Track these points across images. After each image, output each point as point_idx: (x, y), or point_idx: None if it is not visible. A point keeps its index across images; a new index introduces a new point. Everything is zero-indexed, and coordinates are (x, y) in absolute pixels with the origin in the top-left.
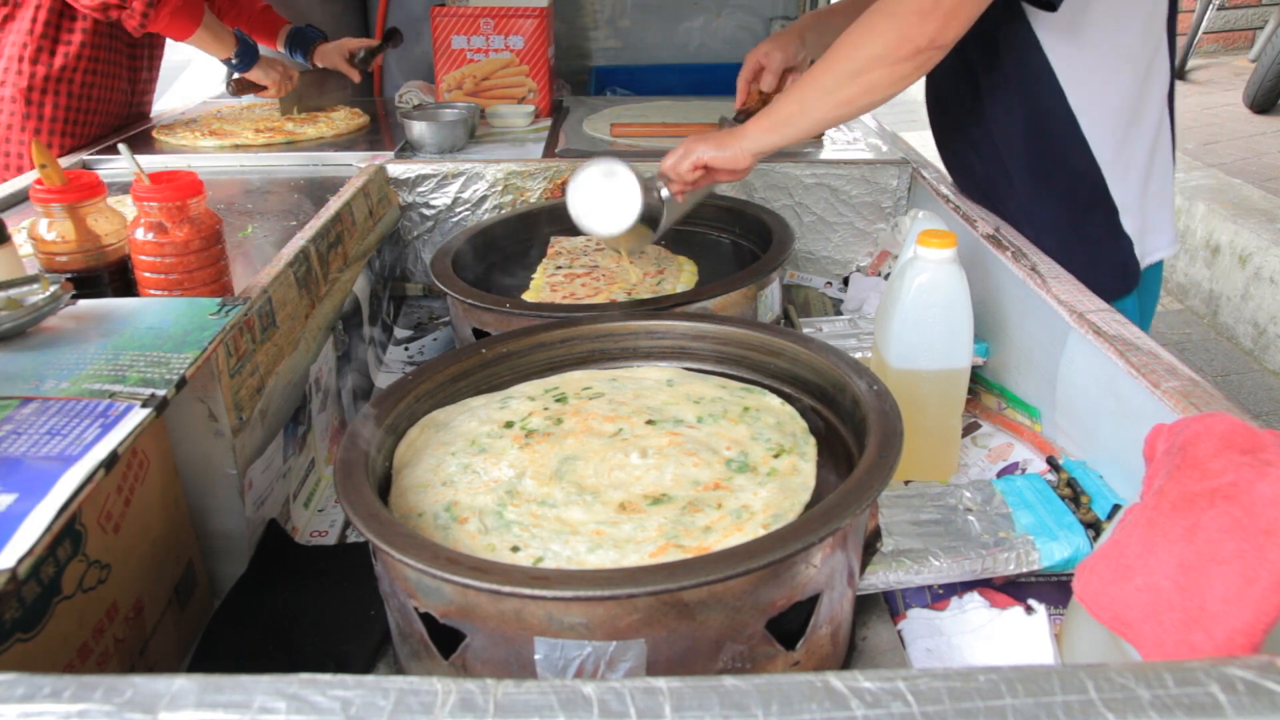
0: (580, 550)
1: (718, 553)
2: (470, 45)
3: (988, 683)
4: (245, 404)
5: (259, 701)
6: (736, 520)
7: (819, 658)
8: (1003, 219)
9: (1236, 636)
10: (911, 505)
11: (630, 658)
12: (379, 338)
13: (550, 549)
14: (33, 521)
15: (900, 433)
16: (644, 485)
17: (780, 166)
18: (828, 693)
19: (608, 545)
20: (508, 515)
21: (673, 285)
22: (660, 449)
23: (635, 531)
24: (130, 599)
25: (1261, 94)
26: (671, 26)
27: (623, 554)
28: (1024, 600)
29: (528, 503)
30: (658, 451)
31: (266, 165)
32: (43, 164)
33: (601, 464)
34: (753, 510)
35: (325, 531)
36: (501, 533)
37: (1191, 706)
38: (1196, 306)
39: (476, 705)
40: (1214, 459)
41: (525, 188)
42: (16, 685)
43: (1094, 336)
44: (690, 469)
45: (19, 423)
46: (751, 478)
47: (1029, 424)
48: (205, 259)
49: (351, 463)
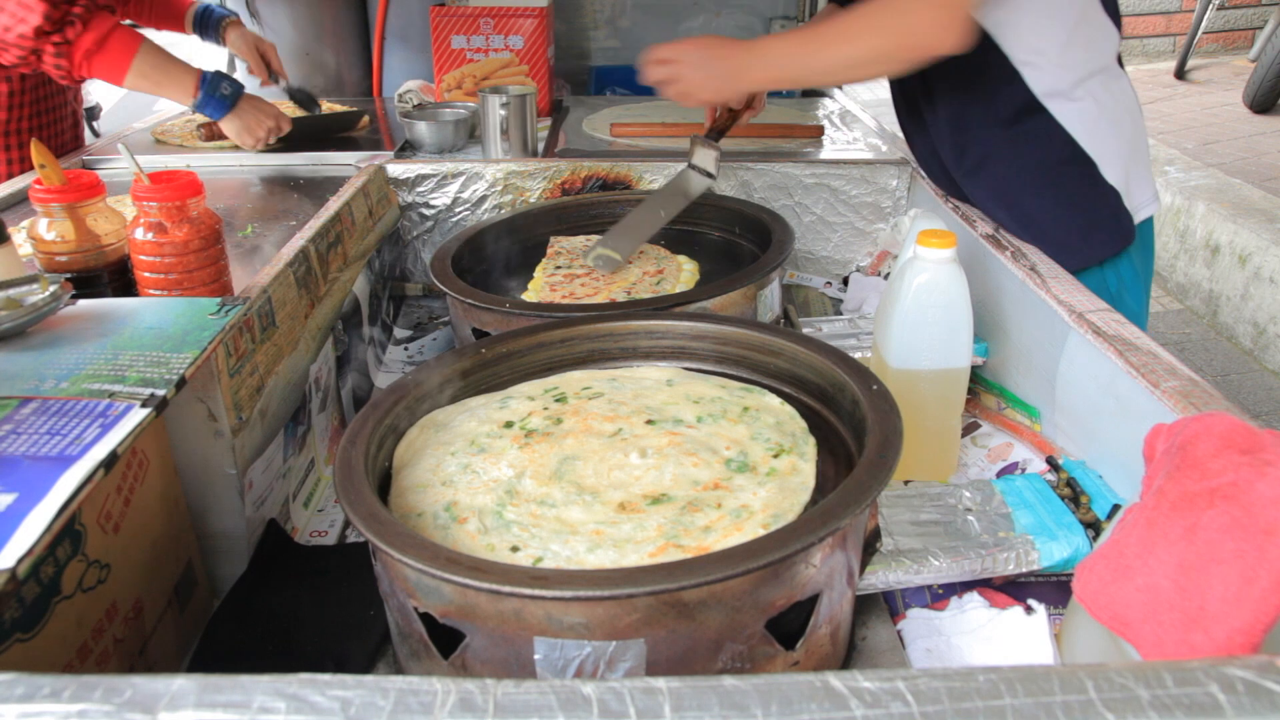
0: (580, 550)
1: (718, 553)
2: (470, 45)
3: (987, 683)
4: (245, 404)
5: (258, 701)
6: (736, 520)
7: (818, 658)
8: (983, 202)
9: (1236, 636)
10: (911, 505)
11: (630, 658)
12: (379, 338)
13: (550, 549)
14: (32, 521)
15: (900, 433)
16: (643, 485)
17: (780, 166)
18: (827, 693)
19: (607, 545)
20: (507, 515)
21: (673, 285)
22: (660, 449)
23: (635, 531)
24: (130, 599)
25: (1261, 94)
26: (671, 26)
27: (622, 554)
28: (1024, 600)
29: (527, 502)
30: (657, 451)
31: (266, 165)
32: (42, 164)
33: (601, 464)
34: (752, 510)
35: (325, 531)
36: (501, 532)
37: (1191, 706)
38: (1196, 306)
39: (476, 705)
40: (1213, 459)
41: (525, 188)
42: (16, 685)
43: (1093, 336)
44: (689, 469)
45: (18, 423)
46: (751, 477)
47: (1028, 424)
48: (205, 259)
49: (351, 463)
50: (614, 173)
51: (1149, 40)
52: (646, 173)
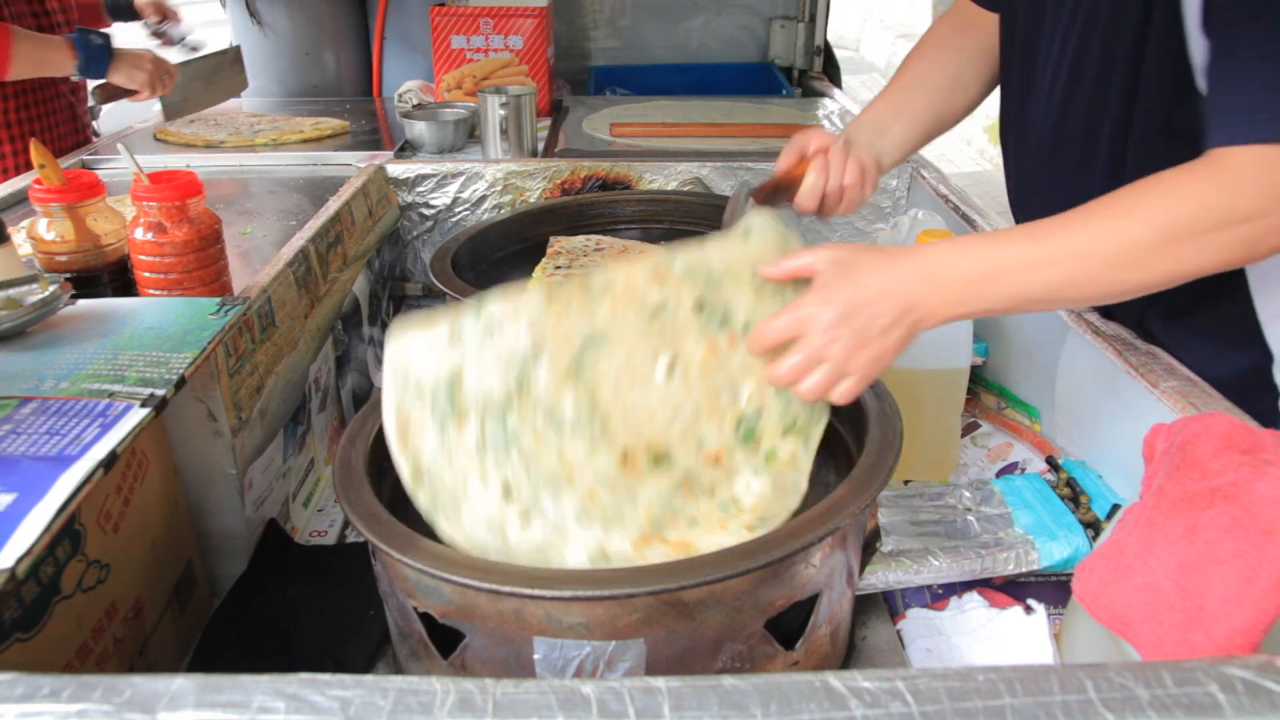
0: (568, 514)
1: (717, 553)
2: (470, 45)
3: (987, 682)
4: (245, 404)
5: (258, 701)
6: (723, 515)
7: (818, 657)
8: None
9: (1236, 636)
10: (911, 505)
11: (629, 657)
12: (379, 338)
13: (541, 503)
14: (32, 521)
15: (900, 433)
16: (654, 427)
17: None
18: (827, 693)
19: (595, 518)
20: (510, 423)
21: None
22: (688, 366)
23: (625, 506)
24: (130, 599)
25: None
26: (671, 26)
27: (607, 533)
28: (1023, 600)
29: (535, 411)
30: (685, 371)
31: (266, 165)
32: (41, 164)
33: (625, 370)
34: (741, 507)
35: (325, 531)
36: (499, 453)
37: (1191, 706)
38: None
39: (475, 705)
40: (1213, 459)
41: (525, 187)
42: (16, 685)
43: (1093, 336)
44: (703, 423)
45: (18, 422)
46: (751, 455)
47: (1028, 424)
48: (205, 259)
49: (351, 463)
50: (614, 173)
51: None
52: (646, 173)
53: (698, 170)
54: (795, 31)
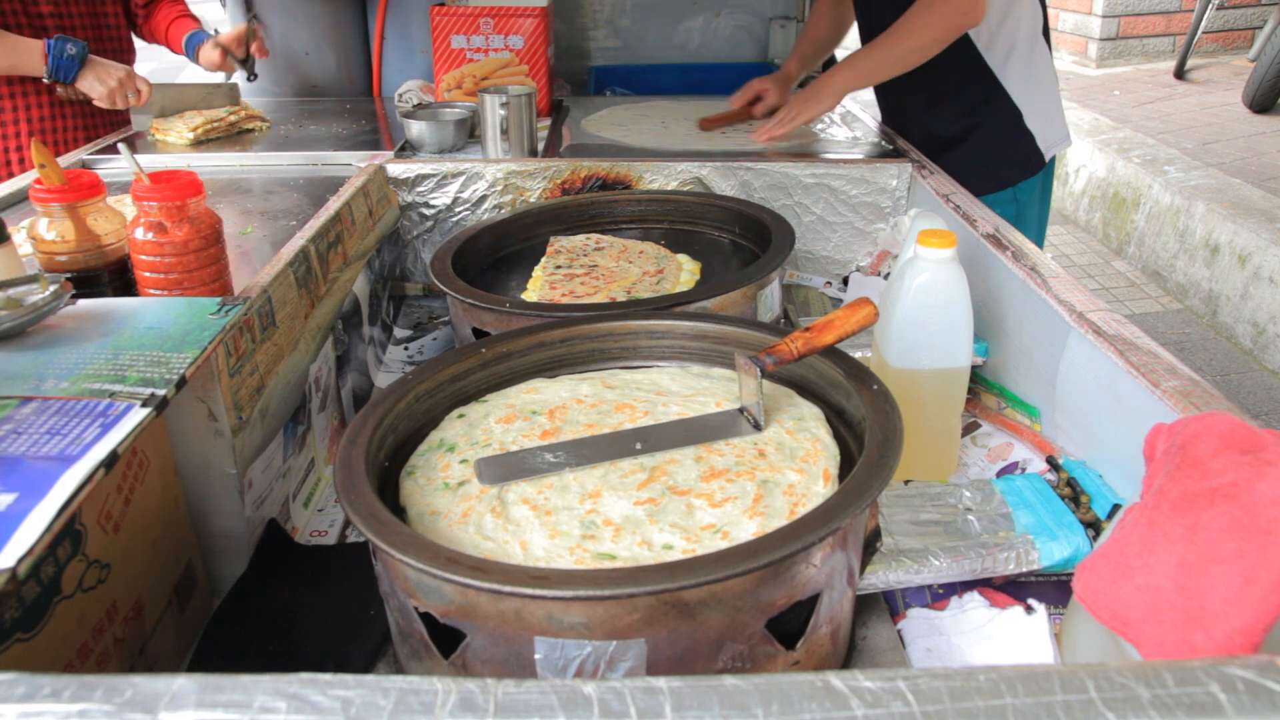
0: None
1: (718, 552)
2: (470, 45)
3: (988, 682)
4: (245, 404)
5: (259, 701)
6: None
7: (819, 657)
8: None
9: (1236, 636)
10: (911, 505)
11: (630, 657)
12: (379, 337)
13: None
14: (32, 521)
15: (900, 433)
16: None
17: (780, 166)
18: (828, 692)
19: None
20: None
21: (673, 285)
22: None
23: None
24: (130, 599)
25: (1261, 94)
26: (671, 26)
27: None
28: (1024, 600)
29: None
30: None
31: (266, 165)
32: (42, 164)
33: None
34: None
35: (325, 531)
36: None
37: (1191, 706)
38: (1196, 306)
39: (476, 705)
40: (1214, 459)
41: (525, 187)
42: (16, 685)
43: (1094, 336)
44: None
45: (19, 422)
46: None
47: (1029, 424)
48: (205, 259)
49: (351, 462)
50: (614, 173)
51: (1149, 40)
52: (646, 173)
53: (698, 170)
54: (795, 31)
